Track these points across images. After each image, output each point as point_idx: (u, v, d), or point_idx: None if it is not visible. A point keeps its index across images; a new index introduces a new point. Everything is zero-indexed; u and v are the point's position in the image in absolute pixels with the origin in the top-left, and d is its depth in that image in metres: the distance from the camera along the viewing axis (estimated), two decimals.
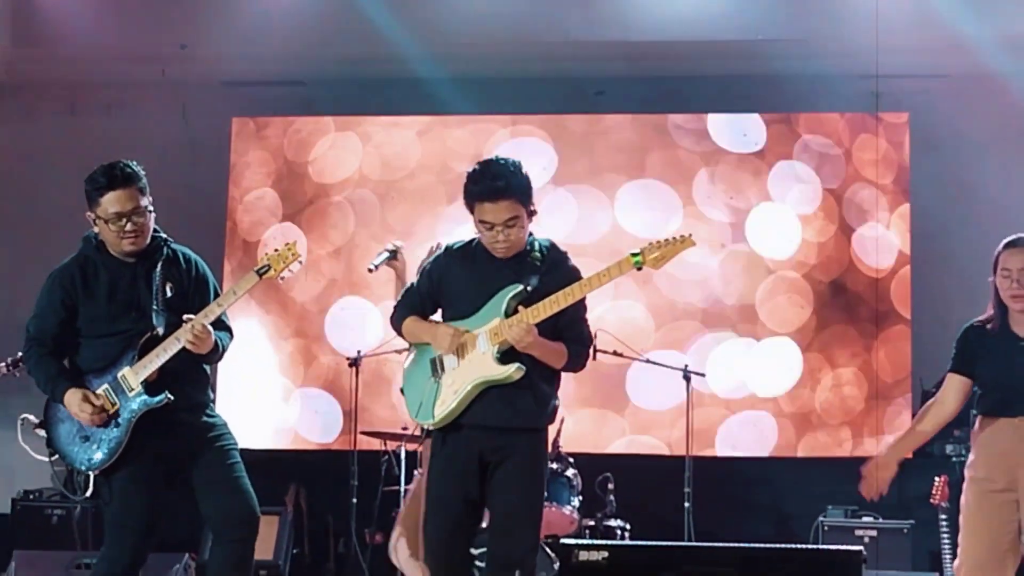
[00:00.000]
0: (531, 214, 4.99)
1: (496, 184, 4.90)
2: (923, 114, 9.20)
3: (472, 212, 4.98)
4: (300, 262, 5.14)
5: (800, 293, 9.22)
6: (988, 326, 5.67)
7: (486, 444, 4.98)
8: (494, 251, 4.99)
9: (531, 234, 5.06)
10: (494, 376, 4.92)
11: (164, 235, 5.31)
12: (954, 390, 5.67)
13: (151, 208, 5.18)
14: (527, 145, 9.43)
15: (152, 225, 5.21)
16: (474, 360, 4.96)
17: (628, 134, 9.48)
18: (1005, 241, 5.63)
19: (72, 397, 5.12)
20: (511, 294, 4.93)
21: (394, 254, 6.56)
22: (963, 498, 5.65)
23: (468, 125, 9.58)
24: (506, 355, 4.92)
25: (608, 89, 9.53)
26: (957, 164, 9.17)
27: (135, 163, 5.20)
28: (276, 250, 5.14)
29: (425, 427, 5.16)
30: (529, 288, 4.93)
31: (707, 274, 9.27)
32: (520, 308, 4.91)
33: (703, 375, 7.97)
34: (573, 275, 5.00)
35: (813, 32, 9.04)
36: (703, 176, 9.37)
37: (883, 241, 9.16)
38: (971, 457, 5.68)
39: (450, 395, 4.98)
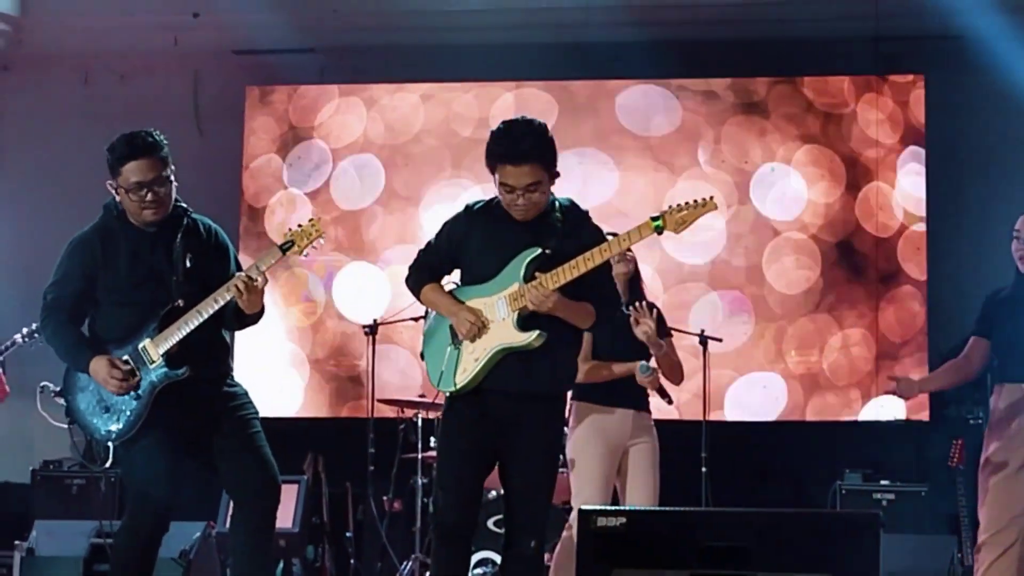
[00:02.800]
0: (553, 177, 4.94)
1: (519, 147, 4.83)
2: (936, 75, 9.19)
3: (493, 172, 4.92)
4: (323, 239, 5.14)
5: (807, 254, 9.23)
6: (1003, 292, 5.75)
7: (502, 408, 4.98)
8: (513, 213, 4.93)
9: (551, 193, 5.01)
10: (514, 343, 4.90)
11: (184, 205, 5.29)
12: (976, 351, 5.79)
13: (172, 177, 5.17)
14: (532, 109, 9.43)
15: (173, 195, 5.20)
16: (494, 326, 4.93)
17: (633, 98, 9.46)
18: None
19: (98, 364, 5.10)
20: (530, 258, 4.89)
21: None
22: (982, 466, 5.71)
23: (473, 90, 9.56)
24: (526, 320, 4.89)
25: (613, 54, 9.50)
26: (971, 125, 9.17)
27: (156, 132, 5.18)
28: (300, 226, 5.12)
29: (447, 393, 5.10)
30: (548, 251, 4.88)
31: (713, 236, 9.28)
32: (538, 273, 4.87)
33: (720, 340, 7.99)
34: (594, 235, 4.97)
35: None
36: (708, 138, 9.36)
37: (890, 201, 9.17)
38: (990, 425, 5.75)
39: (471, 362, 4.97)
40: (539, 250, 4.89)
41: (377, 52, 9.59)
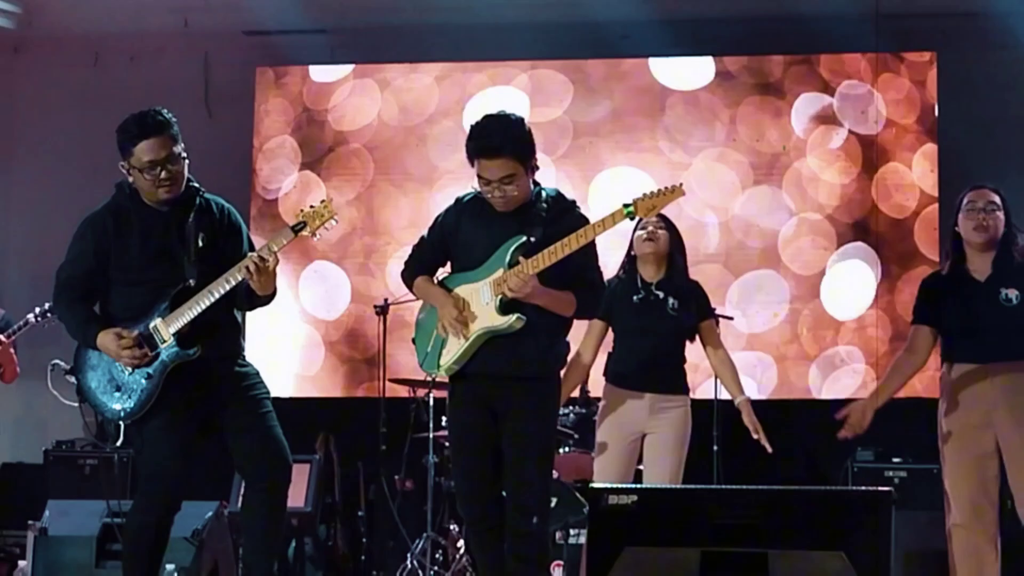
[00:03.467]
0: (532, 169, 5.09)
1: (492, 141, 5.00)
2: (950, 53, 9.14)
3: (473, 166, 5.09)
4: (335, 220, 5.16)
5: (823, 235, 9.21)
6: (942, 272, 5.76)
7: (492, 393, 5.13)
8: (493, 205, 5.09)
9: (538, 184, 5.17)
10: (495, 326, 5.04)
11: (197, 184, 5.30)
12: (922, 340, 5.81)
13: (184, 155, 5.18)
14: (546, 89, 9.42)
15: (186, 173, 5.21)
16: (478, 311, 5.08)
17: (648, 77, 9.44)
18: (970, 187, 5.80)
19: (105, 337, 5.12)
20: (515, 245, 5.04)
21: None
22: (941, 447, 5.71)
23: (487, 70, 9.55)
24: (508, 305, 5.03)
25: (628, 33, 9.48)
26: (985, 103, 9.13)
27: (165, 110, 5.19)
28: (312, 207, 5.16)
29: (432, 376, 5.33)
30: (533, 239, 5.02)
31: (729, 217, 9.27)
32: (522, 259, 5.01)
33: (731, 318, 7.97)
34: (579, 223, 5.08)
35: None
36: (724, 119, 9.34)
37: (906, 181, 9.14)
38: (944, 405, 5.74)
39: (455, 345, 5.12)
40: (524, 238, 5.04)
41: (389, 32, 9.59)
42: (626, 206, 4.94)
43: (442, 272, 5.34)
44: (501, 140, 4.99)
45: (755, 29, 9.35)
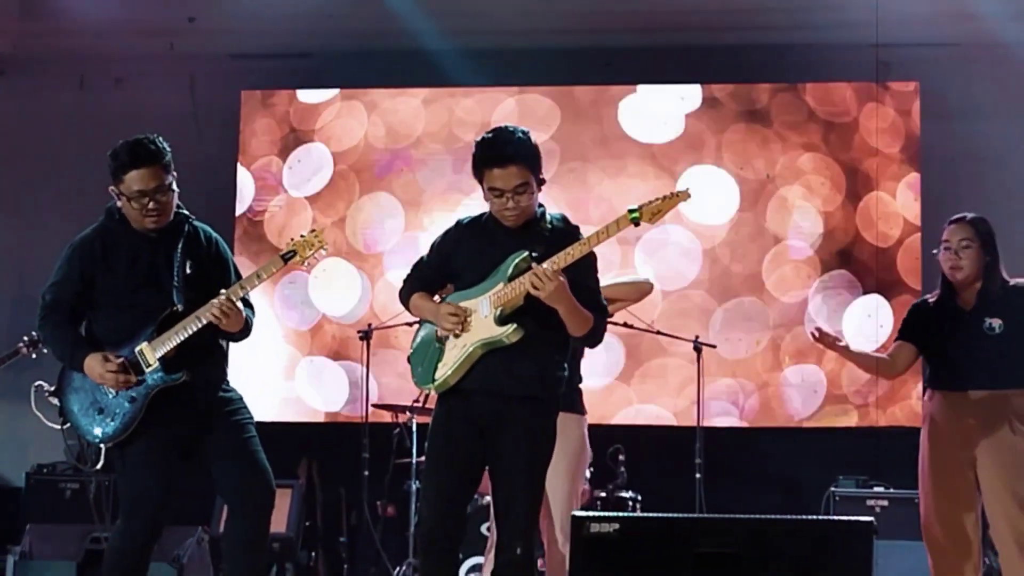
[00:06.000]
0: (540, 182, 4.99)
1: (505, 150, 4.90)
2: (933, 83, 9.18)
3: (481, 181, 4.97)
4: (325, 249, 5.15)
5: (806, 262, 9.22)
6: (931, 300, 5.86)
7: (486, 409, 4.98)
8: (504, 219, 4.98)
9: (542, 205, 5.06)
10: (492, 337, 4.91)
11: (186, 212, 5.30)
12: (902, 354, 5.98)
13: (174, 186, 5.18)
14: (534, 114, 9.43)
15: (175, 202, 5.21)
16: (476, 324, 4.96)
17: (636, 104, 9.46)
18: (950, 219, 5.92)
19: (93, 361, 5.12)
20: (517, 259, 4.92)
21: None
22: (921, 471, 5.84)
23: (474, 94, 9.56)
24: (507, 319, 4.92)
25: (615, 60, 9.51)
26: (968, 133, 9.16)
27: (160, 138, 5.18)
28: (303, 236, 5.16)
29: (427, 391, 5.21)
30: (535, 254, 4.90)
31: (713, 243, 9.28)
32: (534, 265, 4.88)
33: (714, 346, 7.97)
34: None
35: (821, 1, 9.03)
36: (710, 145, 9.36)
37: (890, 210, 9.16)
38: (925, 432, 5.86)
39: (451, 358, 4.99)
40: (526, 252, 4.93)
41: (374, 57, 9.58)
42: (631, 211, 4.82)
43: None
44: (513, 148, 4.91)
45: (743, 57, 9.38)
